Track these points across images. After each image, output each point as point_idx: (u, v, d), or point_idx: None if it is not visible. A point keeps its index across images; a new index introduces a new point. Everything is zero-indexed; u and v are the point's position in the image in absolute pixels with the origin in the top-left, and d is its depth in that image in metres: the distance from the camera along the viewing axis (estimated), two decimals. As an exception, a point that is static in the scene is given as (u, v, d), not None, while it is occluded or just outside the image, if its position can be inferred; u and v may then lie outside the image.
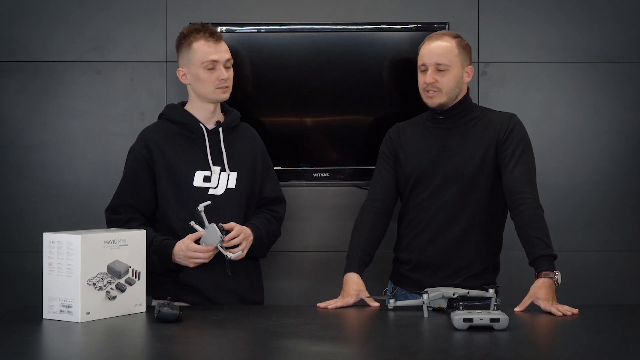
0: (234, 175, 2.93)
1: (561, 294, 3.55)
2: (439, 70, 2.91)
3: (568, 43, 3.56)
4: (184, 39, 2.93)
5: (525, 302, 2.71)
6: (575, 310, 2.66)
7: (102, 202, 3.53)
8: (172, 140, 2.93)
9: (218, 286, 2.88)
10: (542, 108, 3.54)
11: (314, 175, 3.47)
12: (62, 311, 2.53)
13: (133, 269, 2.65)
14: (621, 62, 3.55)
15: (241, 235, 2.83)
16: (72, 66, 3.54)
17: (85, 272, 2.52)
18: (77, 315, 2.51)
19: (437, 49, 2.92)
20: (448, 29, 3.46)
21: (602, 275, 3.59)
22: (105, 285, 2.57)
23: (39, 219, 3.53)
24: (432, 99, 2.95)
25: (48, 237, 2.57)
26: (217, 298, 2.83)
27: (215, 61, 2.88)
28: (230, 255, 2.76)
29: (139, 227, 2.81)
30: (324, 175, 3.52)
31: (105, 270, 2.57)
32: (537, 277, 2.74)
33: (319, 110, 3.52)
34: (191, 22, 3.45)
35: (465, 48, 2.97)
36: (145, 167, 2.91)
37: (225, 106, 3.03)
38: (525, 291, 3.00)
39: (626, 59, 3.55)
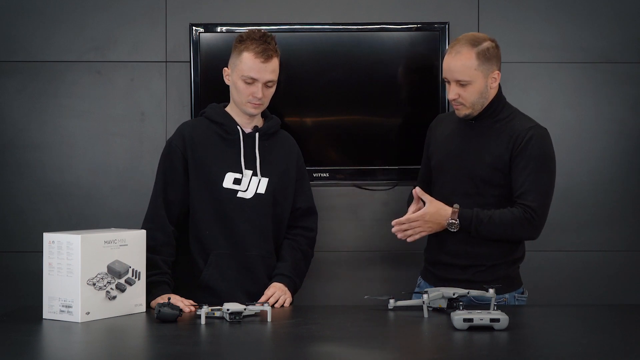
0: (264, 181, 2.93)
1: (562, 294, 3.57)
2: (461, 85, 2.85)
3: (568, 43, 3.56)
4: (238, 43, 2.88)
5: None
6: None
7: (102, 202, 3.55)
8: (208, 138, 2.93)
9: (235, 287, 2.89)
10: (542, 108, 3.54)
11: (314, 175, 3.47)
12: (62, 311, 2.53)
13: (133, 269, 2.65)
14: (621, 62, 3.56)
15: (276, 293, 2.84)
16: (72, 66, 3.54)
17: (85, 272, 2.52)
18: (77, 315, 2.51)
19: (455, 66, 2.84)
20: (448, 29, 3.46)
21: (602, 275, 3.59)
22: (105, 285, 2.57)
23: (39, 219, 3.53)
24: (458, 111, 2.91)
25: (48, 237, 2.56)
26: (233, 299, 2.81)
27: (254, 79, 2.86)
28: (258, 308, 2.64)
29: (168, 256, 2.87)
30: (324, 175, 3.52)
31: (105, 270, 2.57)
32: (452, 210, 2.82)
33: (319, 110, 3.53)
34: (191, 23, 3.47)
35: (488, 55, 2.85)
36: (181, 159, 2.91)
37: (266, 112, 3.02)
38: (528, 291, 3.01)
39: (626, 59, 3.55)
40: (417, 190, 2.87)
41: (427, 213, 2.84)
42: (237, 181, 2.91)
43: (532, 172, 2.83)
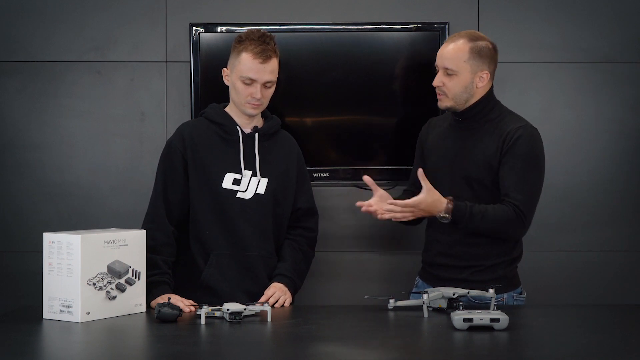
0: (264, 182, 2.93)
1: (562, 294, 3.57)
2: (448, 74, 2.89)
3: (568, 43, 3.56)
4: (237, 44, 2.88)
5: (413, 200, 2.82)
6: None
7: (102, 202, 3.55)
8: (207, 138, 2.94)
9: (236, 287, 2.89)
10: (542, 108, 3.54)
11: (314, 175, 3.47)
12: (62, 311, 2.53)
13: (133, 269, 2.65)
14: (621, 62, 3.55)
15: (276, 294, 2.85)
16: (72, 66, 3.54)
17: (85, 272, 2.52)
18: (77, 315, 2.51)
19: (446, 53, 2.89)
20: (448, 29, 3.46)
21: (602, 275, 3.59)
22: (105, 285, 2.57)
23: (39, 219, 3.53)
24: (440, 102, 2.93)
25: (48, 237, 2.57)
26: (233, 299, 2.81)
27: (253, 79, 2.86)
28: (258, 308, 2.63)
29: (169, 256, 2.87)
30: (324, 175, 3.52)
31: (105, 270, 2.57)
32: (447, 205, 2.80)
33: (319, 110, 3.53)
34: (191, 23, 3.47)
35: (482, 53, 2.88)
36: (181, 160, 2.92)
37: (266, 112, 3.02)
38: (528, 291, 3.01)
39: (626, 59, 3.55)
40: (420, 173, 2.82)
41: (424, 202, 2.81)
42: (236, 182, 2.91)
43: (519, 171, 2.83)
